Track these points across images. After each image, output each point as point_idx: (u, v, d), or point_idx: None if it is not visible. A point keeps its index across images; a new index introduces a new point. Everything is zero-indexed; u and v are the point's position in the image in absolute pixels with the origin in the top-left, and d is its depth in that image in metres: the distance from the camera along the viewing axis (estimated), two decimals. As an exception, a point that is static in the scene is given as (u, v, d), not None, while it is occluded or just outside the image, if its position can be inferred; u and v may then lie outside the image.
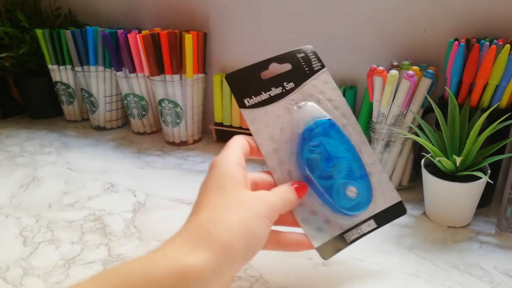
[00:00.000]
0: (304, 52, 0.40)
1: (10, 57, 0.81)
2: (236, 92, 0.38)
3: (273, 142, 0.37)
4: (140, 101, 0.77)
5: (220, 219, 0.29)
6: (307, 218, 0.36)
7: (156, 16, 0.79)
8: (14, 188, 0.59)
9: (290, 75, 0.39)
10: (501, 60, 0.45)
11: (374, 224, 0.37)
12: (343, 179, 0.36)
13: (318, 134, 0.36)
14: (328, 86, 0.39)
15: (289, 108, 0.38)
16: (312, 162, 0.36)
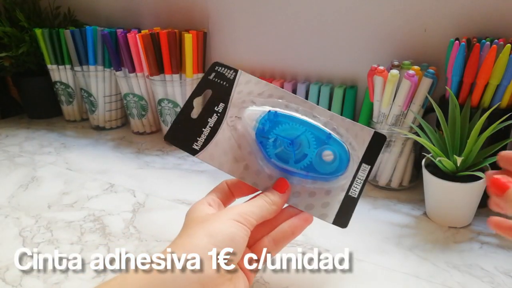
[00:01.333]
0: (213, 71, 0.40)
1: (9, 56, 0.81)
2: (182, 146, 0.38)
3: (240, 161, 0.37)
4: (140, 101, 0.77)
5: (183, 233, 0.32)
6: (310, 203, 0.37)
7: (156, 16, 0.79)
8: (13, 188, 0.59)
9: (215, 98, 0.39)
10: (502, 60, 0.45)
11: (367, 165, 0.37)
12: (315, 150, 0.36)
13: (269, 130, 0.36)
14: (251, 84, 0.39)
15: (233, 125, 0.38)
16: (281, 155, 0.37)
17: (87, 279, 0.40)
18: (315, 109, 0.38)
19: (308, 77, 0.68)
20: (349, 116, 0.62)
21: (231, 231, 0.31)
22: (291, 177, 0.37)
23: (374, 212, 0.51)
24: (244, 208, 0.34)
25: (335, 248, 0.44)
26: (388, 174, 0.56)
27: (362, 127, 0.38)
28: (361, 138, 0.38)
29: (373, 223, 0.49)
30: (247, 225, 0.33)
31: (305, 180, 0.37)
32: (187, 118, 0.39)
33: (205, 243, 0.30)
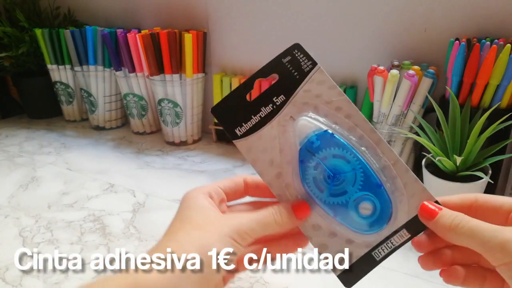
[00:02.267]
0: (289, 53, 0.34)
1: (9, 57, 0.81)
2: (225, 125, 0.34)
3: (274, 167, 0.34)
4: (140, 101, 0.77)
5: (176, 239, 0.30)
6: (325, 243, 0.32)
7: (156, 16, 0.79)
8: (13, 188, 0.59)
9: (279, 87, 0.34)
10: (502, 60, 0.45)
11: (407, 233, 0.32)
12: (357, 192, 0.32)
13: (316, 150, 0.32)
14: (324, 86, 0.34)
15: (284, 126, 0.34)
16: (318, 181, 0.32)
17: (87, 279, 0.40)
18: (381, 145, 0.32)
19: (308, 77, 0.67)
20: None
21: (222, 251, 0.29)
22: (318, 207, 0.33)
23: (374, 212, 0.51)
24: (245, 224, 0.30)
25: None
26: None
27: (424, 189, 0.32)
28: (416, 200, 0.32)
29: (373, 223, 0.49)
30: (243, 244, 0.30)
31: (332, 217, 0.32)
32: (241, 98, 0.34)
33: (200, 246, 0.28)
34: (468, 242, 0.27)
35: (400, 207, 0.32)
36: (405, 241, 0.32)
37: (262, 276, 0.40)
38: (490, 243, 0.26)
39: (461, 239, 0.27)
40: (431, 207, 0.29)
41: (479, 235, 0.26)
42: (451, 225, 0.28)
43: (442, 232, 0.29)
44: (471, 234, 0.27)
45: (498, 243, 0.25)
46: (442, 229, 0.29)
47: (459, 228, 0.27)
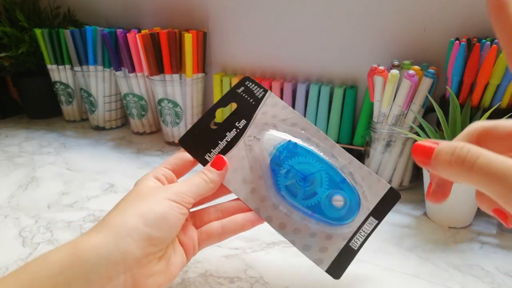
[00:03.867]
0: (243, 85, 0.39)
1: (9, 56, 0.81)
2: (195, 153, 0.37)
3: (248, 183, 0.37)
4: (140, 101, 0.77)
5: (116, 208, 0.32)
6: (308, 244, 0.35)
7: (156, 16, 0.79)
8: (13, 188, 0.59)
9: (239, 113, 0.38)
10: (502, 59, 0.45)
11: (375, 220, 0.36)
12: (326, 191, 0.35)
13: (285, 159, 0.36)
14: (278, 108, 0.38)
15: (250, 145, 0.37)
16: (291, 188, 0.36)
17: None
18: (335, 149, 0.37)
19: (308, 77, 0.68)
20: (349, 116, 0.62)
21: (164, 210, 0.31)
22: (295, 212, 0.36)
23: (374, 212, 0.51)
24: (181, 187, 0.33)
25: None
26: (389, 174, 0.56)
27: (378, 179, 0.37)
28: (375, 190, 0.36)
29: (373, 223, 0.49)
30: (183, 203, 0.32)
31: (308, 219, 0.36)
32: (205, 127, 0.38)
33: (134, 222, 0.29)
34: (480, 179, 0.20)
35: (363, 198, 0.36)
36: (374, 227, 0.36)
37: (262, 277, 0.40)
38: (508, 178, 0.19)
39: (472, 175, 0.20)
40: (425, 144, 0.23)
41: (492, 168, 0.19)
42: (453, 158, 0.21)
43: (446, 172, 0.22)
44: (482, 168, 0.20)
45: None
46: (444, 167, 0.22)
47: (466, 162, 0.20)
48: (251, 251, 0.44)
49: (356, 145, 0.62)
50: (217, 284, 0.39)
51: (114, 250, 0.28)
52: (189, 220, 0.37)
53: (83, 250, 0.27)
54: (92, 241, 0.28)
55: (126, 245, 0.28)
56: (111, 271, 0.27)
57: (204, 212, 0.38)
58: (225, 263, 0.42)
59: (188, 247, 0.35)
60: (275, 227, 0.36)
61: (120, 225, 0.29)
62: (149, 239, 0.30)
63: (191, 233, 0.36)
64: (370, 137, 0.57)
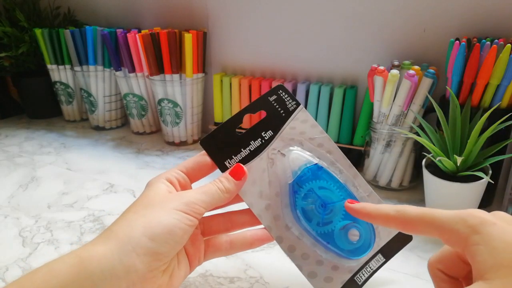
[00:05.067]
0: (275, 93, 0.37)
1: (9, 56, 0.81)
2: (215, 157, 0.35)
3: (264, 198, 0.35)
4: (140, 101, 0.77)
5: (124, 217, 0.30)
6: (314, 271, 0.34)
7: (156, 16, 0.79)
8: (13, 188, 0.59)
9: (267, 123, 0.36)
10: (502, 60, 0.45)
11: (382, 258, 0.35)
12: (342, 221, 0.34)
13: (307, 181, 0.34)
14: (307, 125, 0.37)
15: (272, 159, 0.36)
16: (307, 211, 0.35)
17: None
18: (357, 178, 0.36)
19: (308, 77, 0.68)
20: (349, 116, 0.62)
21: (171, 222, 0.29)
22: (307, 237, 0.35)
23: (374, 212, 0.51)
24: (193, 196, 0.32)
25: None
26: (389, 174, 0.56)
27: None
28: (388, 228, 0.35)
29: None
30: (193, 214, 0.31)
31: (318, 246, 0.35)
32: (231, 133, 0.36)
33: (139, 236, 0.28)
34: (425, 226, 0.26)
35: (376, 234, 0.35)
36: (381, 265, 0.35)
37: (262, 277, 0.40)
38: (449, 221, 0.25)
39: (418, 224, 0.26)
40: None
41: (431, 215, 0.26)
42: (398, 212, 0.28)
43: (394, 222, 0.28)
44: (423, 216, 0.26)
45: (459, 217, 0.25)
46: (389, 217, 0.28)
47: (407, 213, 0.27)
48: (251, 251, 0.44)
49: (356, 145, 0.62)
50: (217, 284, 0.39)
51: (118, 265, 0.27)
52: (197, 228, 0.35)
53: (88, 262, 0.27)
54: (97, 252, 0.27)
55: (130, 261, 0.27)
56: (114, 286, 0.27)
57: (213, 220, 0.37)
58: (225, 263, 0.42)
59: (194, 258, 0.34)
60: (285, 249, 0.35)
61: (126, 238, 0.28)
62: (154, 254, 0.28)
63: (199, 244, 0.35)
64: (370, 137, 0.57)
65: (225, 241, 0.36)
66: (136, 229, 0.29)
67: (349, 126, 0.63)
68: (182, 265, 0.33)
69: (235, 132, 0.36)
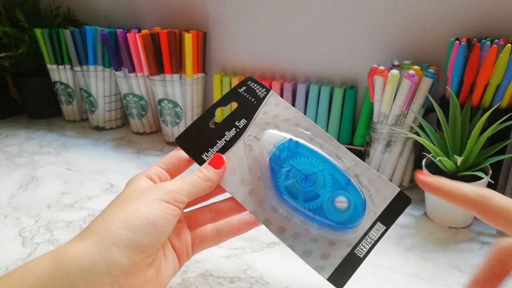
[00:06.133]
0: (245, 85, 0.38)
1: (9, 56, 0.81)
2: (191, 153, 0.36)
3: (246, 184, 0.35)
4: (140, 101, 0.77)
5: (103, 213, 0.29)
6: (308, 249, 0.33)
7: (156, 16, 0.79)
8: (13, 188, 0.59)
9: (239, 113, 0.37)
10: (502, 60, 0.45)
11: (382, 226, 0.33)
12: (329, 193, 0.33)
13: (286, 159, 0.34)
14: (280, 107, 0.37)
15: (249, 145, 0.36)
16: (292, 189, 0.33)
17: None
18: (341, 149, 0.35)
19: (308, 77, 0.68)
20: (349, 116, 0.62)
21: (153, 213, 0.28)
22: (296, 216, 0.34)
23: (374, 212, 0.51)
24: (173, 186, 0.31)
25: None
26: (389, 174, 0.56)
27: (387, 182, 0.34)
28: (383, 193, 0.34)
29: (374, 223, 0.49)
30: (175, 203, 0.30)
31: (310, 223, 0.33)
32: (204, 126, 0.37)
33: (119, 228, 0.27)
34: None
35: (369, 202, 0.34)
36: (382, 233, 0.33)
37: (262, 277, 0.40)
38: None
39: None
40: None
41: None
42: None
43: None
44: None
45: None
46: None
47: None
48: (251, 251, 0.44)
49: (356, 145, 0.62)
50: (217, 284, 0.39)
51: (98, 260, 0.26)
52: (183, 221, 0.35)
53: (66, 260, 0.26)
54: (75, 250, 0.26)
55: (111, 255, 0.26)
56: (96, 284, 0.26)
57: (199, 212, 0.36)
58: (225, 263, 0.42)
59: (181, 252, 0.33)
60: (274, 231, 0.34)
61: (104, 233, 0.27)
62: (136, 247, 0.27)
63: (184, 236, 0.34)
64: (370, 137, 0.57)
65: (212, 230, 0.35)
66: (114, 223, 0.28)
67: (349, 126, 0.63)
68: (170, 259, 0.32)
69: (209, 126, 0.37)
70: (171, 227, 0.30)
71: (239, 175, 0.35)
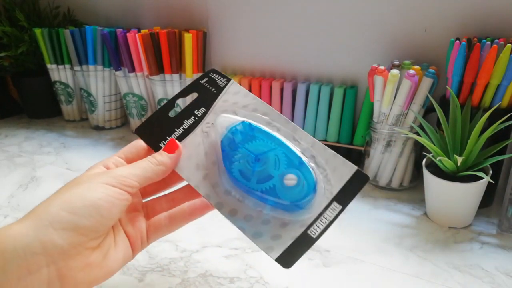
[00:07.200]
0: (207, 76, 0.38)
1: (9, 56, 0.81)
2: (150, 141, 0.36)
3: (200, 169, 0.35)
4: (139, 100, 0.77)
5: (46, 199, 0.29)
6: (259, 231, 0.32)
7: (156, 15, 0.79)
8: (13, 188, 0.59)
9: (199, 102, 0.37)
10: (502, 59, 0.45)
11: (338, 205, 0.32)
12: (282, 172, 0.32)
13: (239, 141, 0.33)
14: (239, 95, 0.37)
15: (207, 132, 0.36)
16: (244, 171, 0.33)
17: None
18: (297, 132, 0.35)
19: (308, 77, 0.67)
20: (349, 116, 0.62)
21: (95, 195, 0.28)
22: (249, 198, 0.33)
23: (374, 212, 0.51)
24: (123, 171, 0.31)
25: (335, 248, 0.44)
26: (389, 174, 0.56)
27: (344, 161, 0.33)
28: (339, 173, 0.33)
29: (373, 223, 0.49)
30: (123, 188, 0.30)
31: (263, 205, 0.33)
32: (163, 116, 0.37)
33: (57, 210, 0.27)
34: None
35: (326, 181, 0.33)
36: (338, 213, 0.32)
37: (262, 277, 0.40)
38: None
39: None
40: None
41: None
42: None
43: None
44: None
45: None
46: None
47: None
48: (251, 251, 0.44)
49: (356, 145, 0.62)
50: (217, 284, 0.39)
51: (33, 240, 0.26)
52: (140, 210, 0.35)
53: (2, 240, 0.25)
54: (12, 230, 0.26)
55: (47, 235, 0.26)
56: (30, 264, 0.25)
57: (156, 202, 0.36)
58: (225, 263, 0.42)
59: (135, 239, 0.33)
60: (225, 214, 0.33)
61: (42, 214, 0.27)
62: (75, 229, 0.27)
63: (139, 224, 0.34)
64: (370, 137, 0.57)
65: (164, 218, 0.35)
66: (54, 205, 0.28)
67: (349, 126, 0.63)
68: (121, 246, 0.31)
69: (168, 116, 0.37)
70: (117, 211, 0.29)
71: (195, 161, 0.35)
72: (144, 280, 0.40)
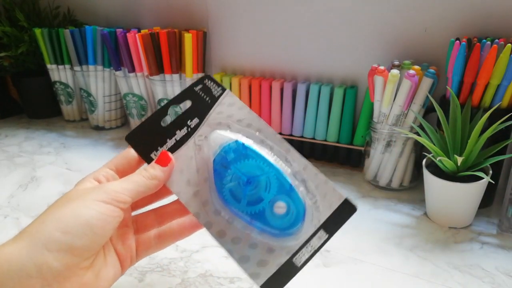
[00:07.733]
0: (201, 83, 0.37)
1: (8, 56, 0.81)
2: (140, 150, 0.35)
3: (192, 186, 0.34)
4: (139, 100, 0.77)
5: (39, 216, 0.28)
6: (246, 255, 0.32)
7: (156, 15, 0.79)
8: (12, 188, 0.59)
9: (192, 112, 0.36)
10: (503, 59, 0.45)
11: (325, 234, 0.32)
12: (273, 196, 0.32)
13: (232, 161, 0.33)
14: (234, 107, 0.36)
15: (199, 145, 0.35)
16: (235, 192, 0.32)
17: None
18: (291, 153, 0.34)
19: (308, 77, 0.67)
20: (349, 116, 0.62)
21: (88, 213, 0.27)
22: (238, 220, 0.33)
23: (375, 212, 0.51)
24: (115, 186, 0.30)
25: (335, 248, 0.44)
26: (389, 174, 0.56)
27: (333, 189, 0.33)
28: (329, 200, 0.33)
29: (373, 223, 0.49)
30: (115, 203, 0.29)
31: (251, 228, 0.32)
32: (155, 124, 0.36)
33: (51, 230, 0.26)
34: None
35: (314, 209, 0.33)
36: (324, 241, 0.32)
37: (262, 277, 0.40)
38: None
39: None
40: None
41: None
42: None
43: None
44: None
45: None
46: None
47: None
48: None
49: (356, 145, 0.62)
50: (217, 284, 0.39)
51: (27, 263, 0.25)
52: (130, 226, 0.34)
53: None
54: (6, 252, 0.25)
55: (42, 257, 0.25)
56: (24, 287, 0.25)
57: (146, 216, 0.35)
58: (225, 263, 0.42)
59: (125, 257, 0.32)
60: (214, 235, 0.33)
61: (36, 234, 0.26)
62: (70, 249, 0.26)
63: (129, 242, 0.33)
64: (370, 137, 0.57)
65: (154, 236, 0.34)
66: (48, 224, 0.27)
67: (349, 126, 0.63)
68: (111, 264, 0.31)
69: (160, 124, 0.36)
70: (110, 228, 0.29)
71: (186, 176, 0.34)
72: (144, 280, 0.40)
